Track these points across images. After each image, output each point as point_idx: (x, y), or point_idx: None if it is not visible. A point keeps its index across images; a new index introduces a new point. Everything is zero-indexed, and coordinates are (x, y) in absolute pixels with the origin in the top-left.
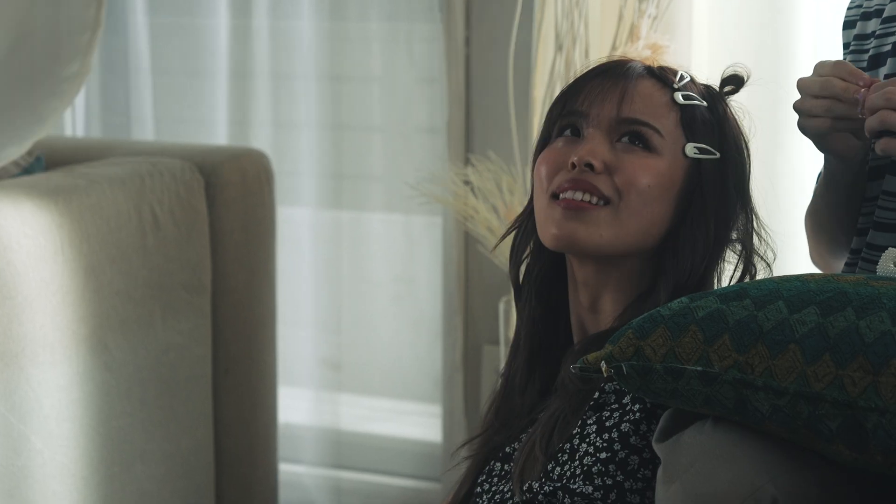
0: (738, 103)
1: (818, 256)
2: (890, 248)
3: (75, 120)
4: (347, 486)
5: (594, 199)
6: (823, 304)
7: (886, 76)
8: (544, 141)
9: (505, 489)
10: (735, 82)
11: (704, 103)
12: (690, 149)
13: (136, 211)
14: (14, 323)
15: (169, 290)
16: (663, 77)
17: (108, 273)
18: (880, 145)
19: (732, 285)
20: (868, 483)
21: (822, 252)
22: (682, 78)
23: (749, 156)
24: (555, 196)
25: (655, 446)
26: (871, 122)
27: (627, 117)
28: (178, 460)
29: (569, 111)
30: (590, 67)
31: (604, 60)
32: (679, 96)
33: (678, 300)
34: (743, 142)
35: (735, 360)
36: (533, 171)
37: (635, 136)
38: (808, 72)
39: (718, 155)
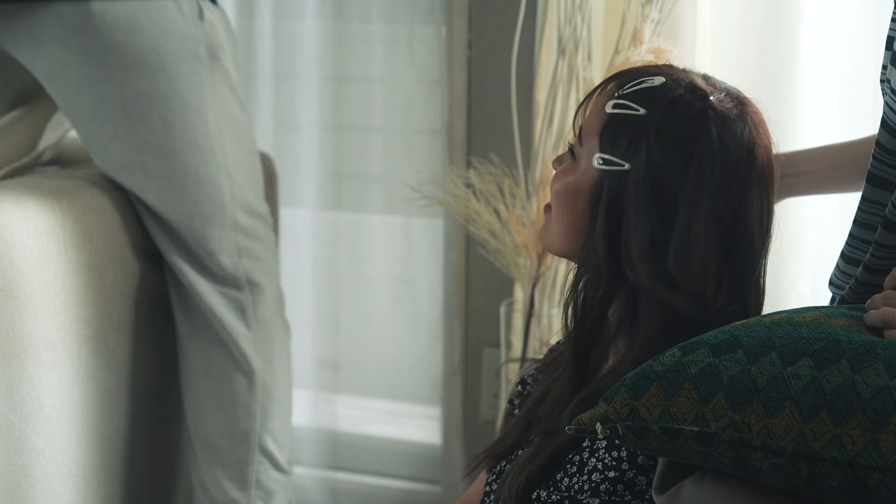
0: (766, 109)
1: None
2: None
3: None
4: (345, 487)
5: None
6: (817, 355)
7: None
8: None
9: None
10: None
11: (641, 111)
12: (596, 159)
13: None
14: (16, 322)
15: (168, 288)
16: (620, 82)
17: (111, 273)
18: (886, 336)
19: (723, 331)
20: None
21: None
22: (638, 84)
23: (709, 170)
24: None
25: (655, 497)
26: (871, 318)
27: (578, 129)
28: (178, 461)
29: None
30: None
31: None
32: (609, 105)
33: (670, 353)
34: (700, 155)
35: (731, 420)
36: None
37: (570, 149)
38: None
39: (626, 166)
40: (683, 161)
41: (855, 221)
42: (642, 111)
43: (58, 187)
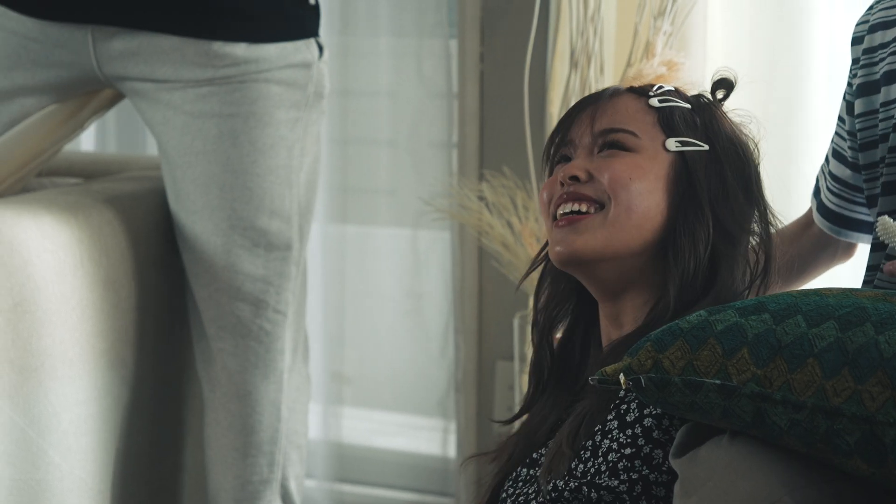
0: (743, 111)
1: None
2: (883, 217)
3: (90, 136)
4: (353, 499)
5: (588, 208)
6: (842, 318)
7: None
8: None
9: (529, 491)
10: (725, 86)
11: (687, 105)
12: (672, 143)
13: (155, 226)
14: (33, 337)
15: (186, 304)
16: (640, 90)
17: (127, 288)
18: (887, 268)
19: (750, 299)
20: (886, 497)
21: None
22: (660, 87)
23: (751, 156)
24: (555, 217)
25: (672, 462)
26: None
27: (601, 129)
28: (193, 475)
29: (558, 143)
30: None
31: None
32: (654, 100)
33: (696, 314)
34: (742, 141)
35: (753, 374)
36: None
37: (611, 143)
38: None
39: (706, 147)
40: (739, 146)
41: (874, 247)
42: (688, 105)
43: (74, 202)
